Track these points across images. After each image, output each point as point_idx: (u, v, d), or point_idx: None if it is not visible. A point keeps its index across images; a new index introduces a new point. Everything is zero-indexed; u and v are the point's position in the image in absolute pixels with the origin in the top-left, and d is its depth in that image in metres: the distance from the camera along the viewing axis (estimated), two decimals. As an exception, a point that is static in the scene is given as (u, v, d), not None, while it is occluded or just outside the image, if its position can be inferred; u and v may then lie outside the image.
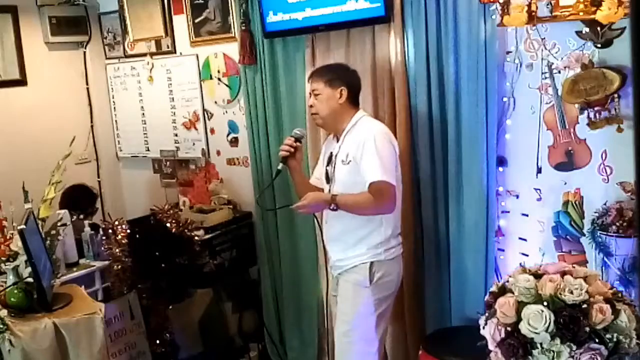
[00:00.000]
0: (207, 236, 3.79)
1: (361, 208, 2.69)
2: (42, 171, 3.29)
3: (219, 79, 4.10)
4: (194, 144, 4.32)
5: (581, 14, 2.51)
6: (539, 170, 2.96)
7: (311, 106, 2.87)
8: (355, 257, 2.77)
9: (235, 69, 3.97)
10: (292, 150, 2.87)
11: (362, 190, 2.67)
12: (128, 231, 3.56)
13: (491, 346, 2.24)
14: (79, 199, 4.02)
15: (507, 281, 2.32)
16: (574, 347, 2.05)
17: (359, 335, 2.76)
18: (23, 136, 4.21)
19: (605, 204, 2.72)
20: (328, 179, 2.87)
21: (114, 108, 4.75)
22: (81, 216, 3.75)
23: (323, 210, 2.84)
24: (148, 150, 4.61)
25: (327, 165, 2.90)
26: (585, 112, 2.70)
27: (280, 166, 2.89)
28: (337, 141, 2.85)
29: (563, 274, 2.22)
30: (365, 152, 2.66)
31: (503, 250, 3.13)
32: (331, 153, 2.87)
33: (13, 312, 2.70)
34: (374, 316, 2.76)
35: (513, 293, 2.22)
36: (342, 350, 2.82)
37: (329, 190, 2.84)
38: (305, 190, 2.85)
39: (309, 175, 3.21)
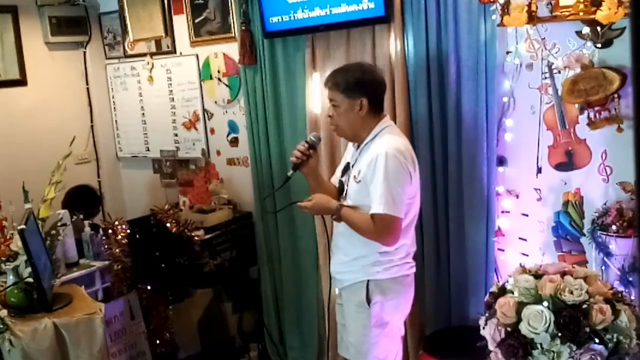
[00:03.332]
0: (207, 236, 3.78)
1: (360, 230, 2.54)
2: (42, 171, 3.29)
3: (219, 79, 4.10)
4: (194, 144, 4.33)
5: (581, 14, 2.52)
6: (539, 170, 2.96)
7: (330, 116, 2.65)
8: (350, 274, 2.65)
9: (235, 69, 3.97)
10: (304, 158, 2.66)
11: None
12: (128, 231, 3.56)
13: (491, 346, 2.24)
14: (83, 200, 4.03)
15: (507, 281, 2.32)
16: (574, 348, 2.05)
17: (372, 355, 2.64)
18: (23, 136, 4.21)
19: (605, 204, 2.72)
20: (342, 190, 2.70)
21: (114, 108, 4.75)
22: (81, 216, 3.74)
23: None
24: (148, 150, 4.61)
25: (343, 175, 2.72)
26: (585, 112, 2.70)
27: (290, 173, 2.71)
28: (357, 148, 2.66)
29: (563, 274, 2.22)
30: (375, 176, 2.47)
31: (503, 250, 3.13)
32: (348, 163, 2.70)
33: (13, 312, 2.70)
34: (380, 337, 2.62)
35: (513, 293, 2.23)
36: None
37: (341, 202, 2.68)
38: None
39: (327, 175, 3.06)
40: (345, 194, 2.66)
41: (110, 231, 3.55)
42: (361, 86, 2.56)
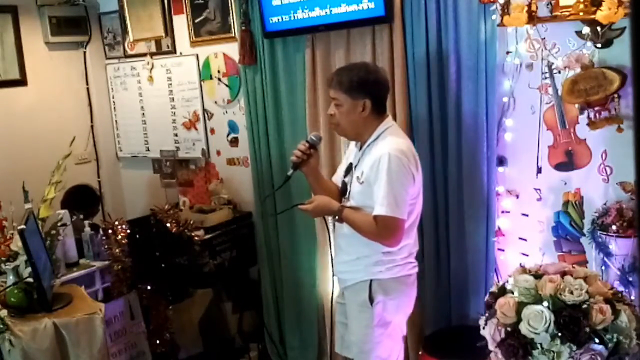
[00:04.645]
0: (207, 236, 3.78)
1: (362, 232, 2.54)
2: (42, 171, 3.29)
3: (219, 79, 4.10)
4: (194, 144, 4.33)
5: (581, 14, 2.52)
6: (539, 170, 2.96)
7: (331, 115, 2.63)
8: (353, 274, 2.64)
9: (235, 69, 3.97)
10: (305, 157, 2.64)
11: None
12: (128, 231, 3.56)
13: (491, 346, 2.24)
14: (83, 200, 4.03)
15: (507, 281, 2.33)
16: (574, 348, 2.05)
17: (375, 354, 2.64)
18: (23, 136, 4.21)
19: (605, 204, 2.72)
20: (344, 191, 2.68)
21: (114, 108, 4.75)
22: (81, 216, 3.75)
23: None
24: (148, 150, 4.61)
25: (345, 175, 2.71)
26: (585, 112, 2.70)
27: (290, 172, 2.68)
28: (360, 149, 2.65)
29: (563, 274, 2.23)
30: (378, 177, 2.46)
31: (503, 250, 3.13)
32: (350, 163, 2.69)
33: (13, 312, 2.71)
34: (382, 336, 2.62)
35: (513, 293, 2.23)
36: None
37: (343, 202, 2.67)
38: (323, 194, 2.69)
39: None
40: (348, 194, 2.65)
41: (110, 231, 3.55)
42: (365, 87, 2.54)
